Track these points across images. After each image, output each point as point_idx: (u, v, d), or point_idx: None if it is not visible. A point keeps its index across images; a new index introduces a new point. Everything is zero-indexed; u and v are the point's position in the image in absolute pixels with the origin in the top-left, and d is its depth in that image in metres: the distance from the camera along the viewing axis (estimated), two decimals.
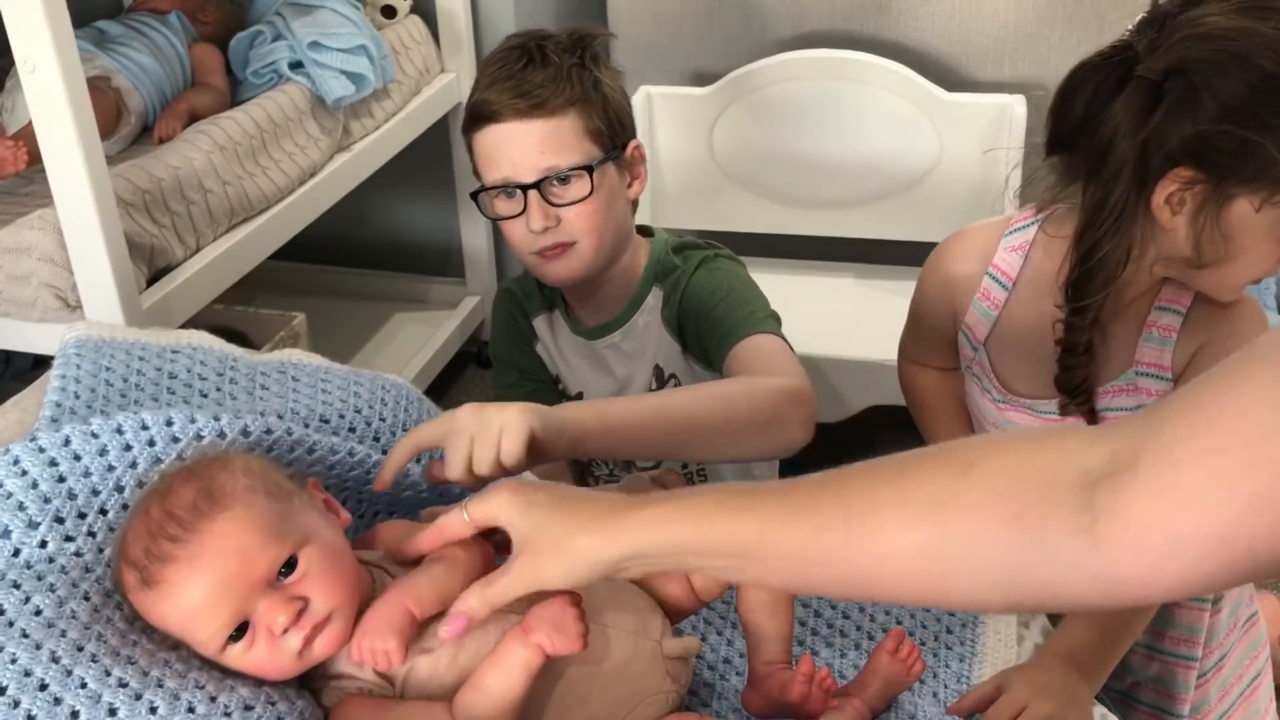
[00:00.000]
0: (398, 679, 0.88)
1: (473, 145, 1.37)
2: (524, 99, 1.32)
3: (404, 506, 1.11)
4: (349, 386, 1.14)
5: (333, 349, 1.34)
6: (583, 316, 1.49)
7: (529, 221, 1.33)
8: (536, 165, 1.32)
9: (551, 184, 1.33)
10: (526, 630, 0.85)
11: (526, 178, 1.32)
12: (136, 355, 1.13)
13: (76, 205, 1.46)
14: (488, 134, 1.34)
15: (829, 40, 2.24)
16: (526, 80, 1.33)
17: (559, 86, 1.33)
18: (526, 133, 1.32)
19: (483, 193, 1.36)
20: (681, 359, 1.44)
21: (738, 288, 1.39)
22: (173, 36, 2.09)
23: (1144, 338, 1.20)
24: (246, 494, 0.86)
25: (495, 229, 2.59)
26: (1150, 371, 1.20)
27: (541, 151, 1.32)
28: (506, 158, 1.33)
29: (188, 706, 0.80)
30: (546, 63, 1.34)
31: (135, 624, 0.86)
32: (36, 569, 0.86)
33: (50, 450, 0.92)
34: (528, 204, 1.33)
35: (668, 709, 0.94)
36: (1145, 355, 1.20)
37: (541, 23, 2.50)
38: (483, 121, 1.34)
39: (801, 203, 2.26)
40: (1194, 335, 1.19)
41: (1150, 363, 1.20)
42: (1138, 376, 1.21)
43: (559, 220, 1.34)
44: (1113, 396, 1.22)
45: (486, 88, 1.34)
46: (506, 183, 1.33)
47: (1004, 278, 1.28)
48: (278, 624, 0.83)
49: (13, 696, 0.77)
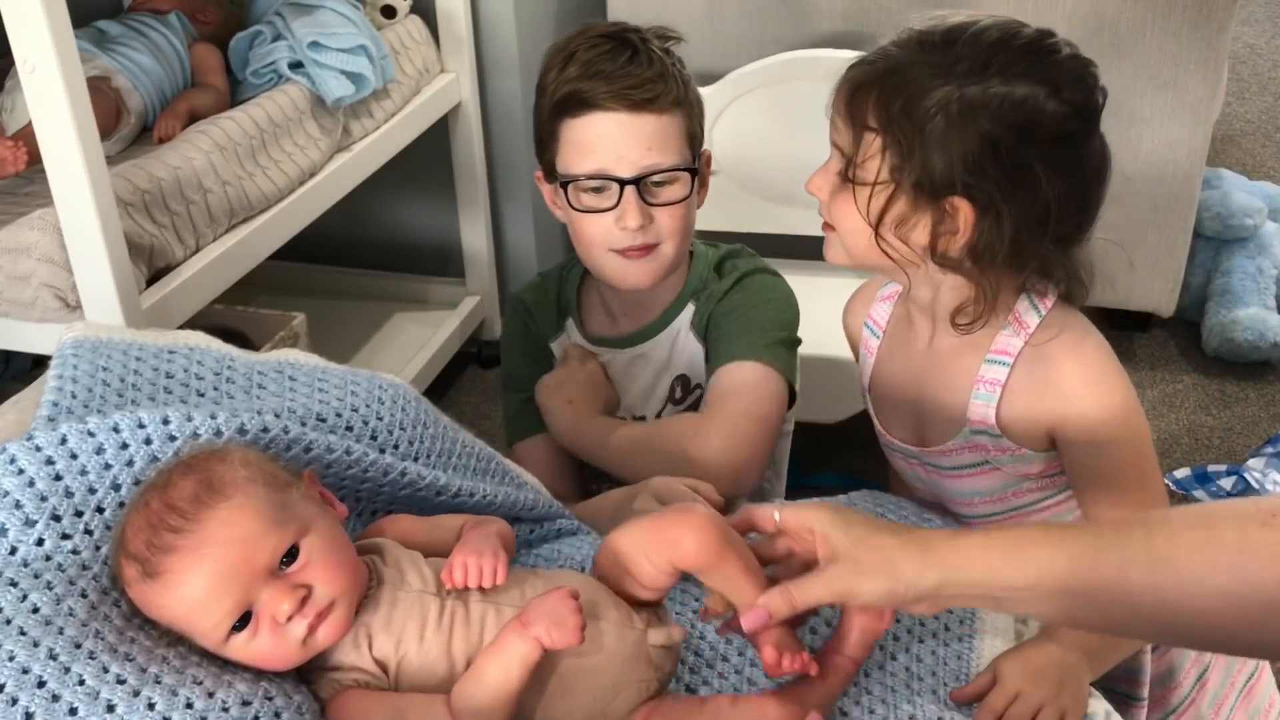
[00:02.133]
0: (391, 668, 0.88)
1: (561, 132, 1.32)
2: (637, 91, 1.29)
3: (402, 505, 1.12)
4: (346, 386, 1.14)
5: (333, 349, 1.34)
6: (607, 325, 1.48)
7: (624, 218, 1.31)
8: (639, 161, 1.30)
9: (649, 182, 1.31)
10: (525, 624, 0.86)
11: (626, 173, 1.30)
12: (134, 355, 1.14)
13: (76, 205, 1.46)
14: (589, 122, 1.30)
15: (830, 40, 2.24)
16: (635, 74, 1.30)
17: (667, 85, 1.31)
18: (636, 126, 1.29)
19: (571, 183, 1.32)
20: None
21: (758, 306, 1.39)
22: (173, 36, 2.09)
23: (974, 394, 1.17)
24: (247, 484, 0.86)
25: (495, 229, 2.59)
26: (983, 429, 1.18)
27: (649, 148, 1.30)
28: (610, 149, 1.30)
29: (185, 702, 0.80)
30: (651, 59, 1.32)
31: (133, 621, 0.87)
32: (34, 567, 0.86)
33: (47, 449, 0.92)
34: (623, 199, 1.30)
35: (647, 696, 0.94)
36: (975, 412, 1.18)
37: (542, 23, 2.50)
38: (583, 109, 1.30)
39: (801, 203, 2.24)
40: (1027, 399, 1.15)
41: (979, 419, 1.17)
42: (972, 435, 1.19)
43: (651, 219, 1.32)
44: (956, 454, 1.21)
45: (586, 76, 1.29)
46: (603, 174, 1.30)
47: (877, 327, 1.30)
48: (282, 612, 0.84)
49: (11, 694, 0.77)
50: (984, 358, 1.17)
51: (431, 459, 1.15)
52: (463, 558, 0.92)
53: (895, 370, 1.27)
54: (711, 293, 1.41)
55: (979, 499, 1.25)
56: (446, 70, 2.41)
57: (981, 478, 1.22)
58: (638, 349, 1.46)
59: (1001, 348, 1.16)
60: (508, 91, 2.47)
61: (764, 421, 1.31)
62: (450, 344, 2.50)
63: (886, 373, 1.28)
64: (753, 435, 1.30)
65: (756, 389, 1.33)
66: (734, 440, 1.29)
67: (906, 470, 1.32)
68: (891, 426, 1.29)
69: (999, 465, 1.20)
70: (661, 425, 1.36)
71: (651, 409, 1.48)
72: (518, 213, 2.59)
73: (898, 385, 1.26)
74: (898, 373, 1.26)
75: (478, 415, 2.50)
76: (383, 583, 0.92)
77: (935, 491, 1.29)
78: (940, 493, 1.28)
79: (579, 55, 1.31)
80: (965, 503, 1.27)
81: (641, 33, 1.35)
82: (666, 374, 1.45)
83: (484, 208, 2.53)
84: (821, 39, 2.25)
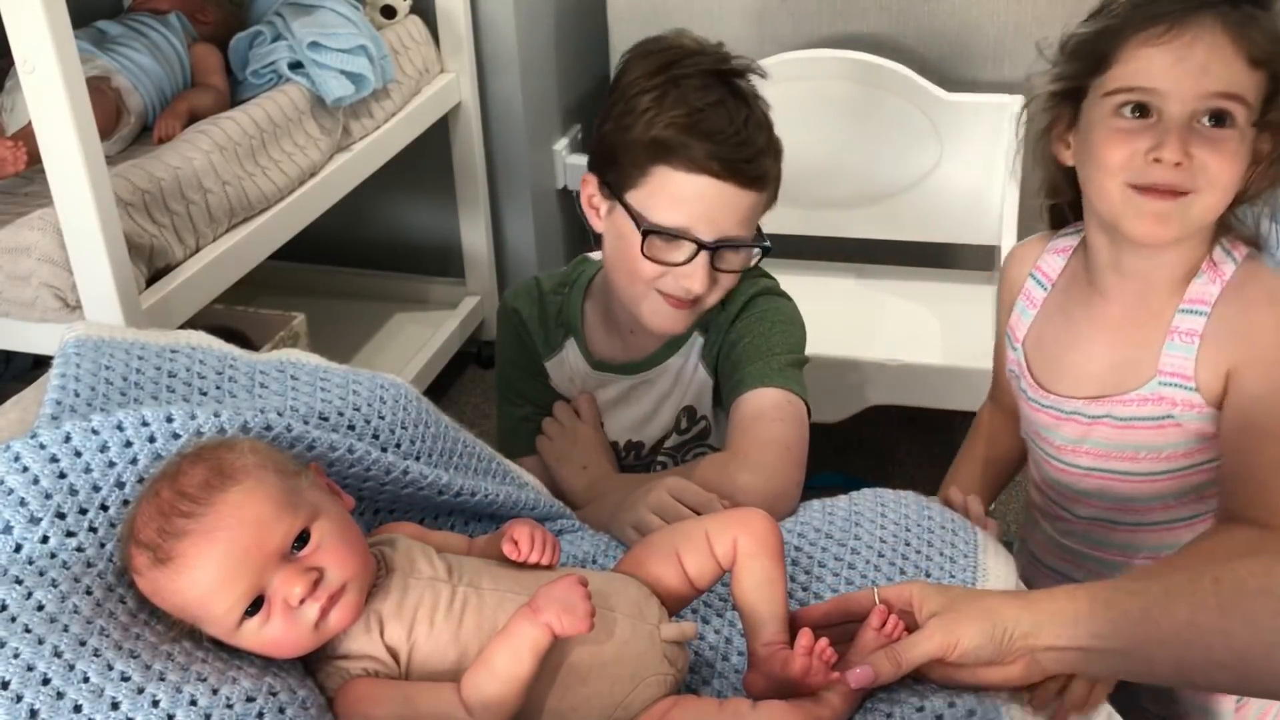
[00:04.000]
0: (403, 655, 0.89)
1: (653, 174, 1.26)
2: (750, 166, 1.25)
3: (404, 505, 1.12)
4: (348, 385, 1.14)
5: (333, 349, 1.34)
6: (611, 348, 1.45)
7: (691, 281, 1.27)
8: (725, 230, 1.27)
9: (723, 250, 1.28)
10: (535, 610, 0.86)
11: (708, 236, 1.26)
12: (136, 355, 1.14)
13: (76, 205, 1.46)
14: (692, 182, 1.24)
15: (829, 40, 2.25)
16: (750, 146, 1.25)
17: (770, 163, 1.29)
18: (736, 200, 1.25)
19: (651, 233, 1.26)
20: (712, 402, 1.43)
21: (767, 331, 1.37)
22: (172, 36, 2.09)
23: (1167, 344, 1.16)
24: (257, 469, 0.87)
25: (495, 229, 2.60)
26: (1173, 381, 1.16)
27: (740, 221, 1.27)
28: (701, 213, 1.25)
29: (190, 699, 0.81)
30: (761, 124, 1.28)
31: (138, 617, 0.87)
32: (38, 564, 0.87)
33: (51, 447, 0.92)
34: (695, 261, 1.27)
35: (666, 690, 0.95)
36: (1169, 363, 1.16)
37: (541, 23, 2.50)
38: (689, 167, 1.24)
39: (801, 203, 2.26)
40: (1220, 347, 1.13)
41: (1173, 372, 1.16)
42: (1161, 386, 1.17)
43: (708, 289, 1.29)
44: (1137, 405, 1.19)
45: (698, 131, 1.23)
46: (686, 234, 1.26)
47: (1044, 278, 1.28)
48: (294, 595, 0.84)
49: (15, 691, 0.77)
50: (1177, 307, 1.15)
51: (433, 458, 1.15)
52: (527, 530, 0.95)
53: (1068, 322, 1.25)
54: (719, 321, 1.40)
55: (1144, 454, 1.21)
56: (446, 70, 2.41)
57: (1159, 431, 1.19)
58: (643, 375, 1.44)
59: (1197, 296, 1.14)
60: (508, 91, 2.47)
61: (790, 446, 1.29)
62: (450, 344, 2.50)
63: (1054, 324, 1.26)
64: (781, 462, 1.27)
65: (778, 415, 1.30)
66: (763, 471, 1.26)
67: (1049, 427, 1.26)
68: (1050, 378, 1.26)
69: (1181, 421, 1.17)
70: (689, 472, 1.31)
71: (650, 435, 1.46)
72: (518, 213, 2.59)
73: (1069, 336, 1.24)
74: (1073, 324, 1.24)
75: (478, 415, 2.50)
76: (393, 570, 0.92)
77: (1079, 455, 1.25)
78: (1096, 451, 1.24)
79: (688, 96, 1.25)
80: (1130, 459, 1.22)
81: (745, 77, 1.30)
82: (670, 401, 1.44)
83: (484, 208, 2.54)
84: (821, 39, 2.25)
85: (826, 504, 1.21)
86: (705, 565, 0.99)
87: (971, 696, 0.94)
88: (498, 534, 1.00)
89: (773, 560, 0.97)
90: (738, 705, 0.93)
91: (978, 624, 0.91)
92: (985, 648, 0.91)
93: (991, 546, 1.14)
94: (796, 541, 1.15)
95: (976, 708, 0.92)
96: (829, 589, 1.10)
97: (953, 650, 0.92)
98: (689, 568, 0.99)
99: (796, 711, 0.92)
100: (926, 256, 2.37)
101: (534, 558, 0.95)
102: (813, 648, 0.93)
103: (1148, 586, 0.88)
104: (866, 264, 2.37)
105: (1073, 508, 1.30)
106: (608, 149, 1.31)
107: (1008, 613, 0.90)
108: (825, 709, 0.93)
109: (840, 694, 0.94)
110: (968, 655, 0.92)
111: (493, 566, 0.96)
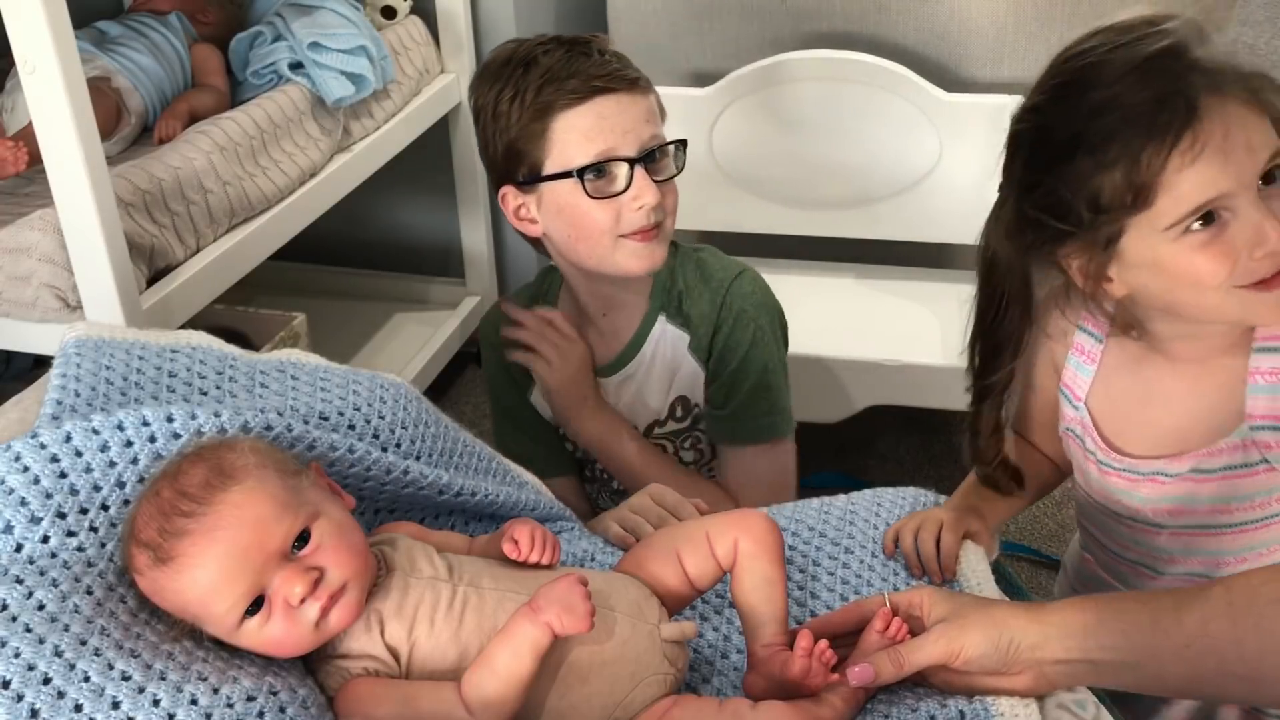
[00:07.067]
0: (403, 654, 0.89)
1: (553, 128, 1.30)
2: (625, 71, 1.30)
3: (404, 504, 1.12)
4: (348, 385, 1.14)
5: (333, 349, 1.35)
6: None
7: (641, 196, 1.29)
8: (642, 137, 1.30)
9: (653, 158, 1.31)
10: (535, 610, 0.86)
11: (632, 150, 1.30)
12: (136, 355, 1.14)
13: (76, 205, 1.46)
14: (590, 107, 1.29)
15: (829, 40, 2.24)
16: (611, 62, 1.31)
17: (636, 69, 1.33)
18: (633, 103, 1.30)
19: (584, 174, 1.30)
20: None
21: (763, 378, 1.41)
22: (173, 37, 2.09)
23: (1250, 388, 1.08)
24: (258, 469, 0.87)
25: (495, 229, 2.60)
26: (1267, 424, 1.08)
27: (647, 121, 1.31)
28: (614, 129, 1.29)
29: (190, 698, 0.81)
30: (604, 52, 1.33)
31: (138, 617, 0.87)
32: (39, 564, 0.87)
33: (52, 446, 0.92)
34: (634, 179, 1.29)
35: (666, 690, 0.95)
36: (1257, 407, 1.08)
37: (541, 23, 2.51)
38: (578, 97, 1.29)
39: (802, 203, 2.27)
40: None
41: (1264, 414, 1.08)
42: (1253, 431, 1.09)
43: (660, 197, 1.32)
44: (1228, 454, 1.12)
45: (567, 72, 1.29)
46: (612, 155, 1.29)
47: (1095, 329, 1.19)
48: (295, 594, 0.84)
49: (16, 690, 0.78)
50: (1252, 348, 1.09)
51: (433, 458, 1.15)
52: (528, 530, 0.95)
53: (1138, 380, 1.17)
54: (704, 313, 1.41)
55: (1235, 504, 1.15)
56: (446, 71, 2.41)
57: (1250, 479, 1.13)
58: (622, 373, 1.46)
59: (1271, 334, 1.08)
60: None
61: (785, 488, 1.36)
62: (450, 344, 2.50)
63: (1123, 381, 1.19)
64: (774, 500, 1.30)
65: (771, 467, 1.38)
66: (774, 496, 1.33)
67: (1123, 489, 1.19)
68: (1123, 439, 1.19)
69: (1276, 464, 1.11)
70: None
71: (641, 422, 1.49)
72: None
73: (1142, 392, 1.17)
74: (1145, 381, 1.17)
75: (478, 415, 2.50)
76: (393, 570, 0.92)
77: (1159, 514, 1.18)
78: (1177, 508, 1.17)
79: (540, 64, 1.31)
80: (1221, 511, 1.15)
81: (578, 36, 1.36)
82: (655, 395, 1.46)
83: (484, 208, 2.54)
84: (821, 39, 2.25)
85: (824, 503, 1.22)
86: (706, 566, 0.99)
87: (963, 697, 0.94)
88: (498, 534, 1.00)
89: (773, 562, 0.98)
90: (738, 705, 0.93)
91: (983, 632, 0.91)
92: (990, 656, 0.91)
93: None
94: (791, 540, 1.15)
95: (966, 709, 0.93)
96: (824, 588, 1.10)
97: (957, 657, 0.92)
98: (689, 568, 0.99)
99: (796, 712, 0.92)
100: (926, 256, 2.37)
101: (534, 557, 0.95)
102: (812, 649, 0.93)
103: (1157, 597, 0.88)
104: (866, 264, 2.37)
105: (1157, 565, 1.23)
106: (504, 154, 1.35)
107: (1015, 624, 0.90)
108: (826, 709, 0.93)
109: (841, 695, 0.94)
110: (972, 663, 0.92)
111: (493, 566, 0.97)
